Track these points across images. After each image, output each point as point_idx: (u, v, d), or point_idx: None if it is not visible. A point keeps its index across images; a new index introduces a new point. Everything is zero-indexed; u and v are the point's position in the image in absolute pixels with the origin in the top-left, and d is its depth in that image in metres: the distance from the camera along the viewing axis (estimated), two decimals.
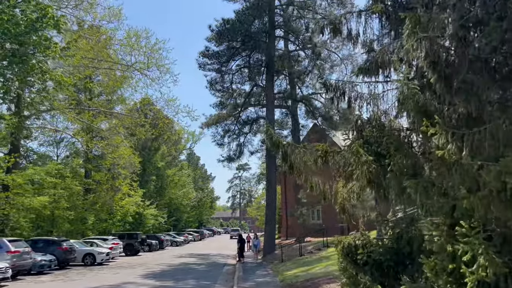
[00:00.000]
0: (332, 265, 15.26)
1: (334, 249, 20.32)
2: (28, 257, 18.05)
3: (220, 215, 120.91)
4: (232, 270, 20.38)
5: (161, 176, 56.08)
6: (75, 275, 18.95)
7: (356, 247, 6.49)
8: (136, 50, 27.73)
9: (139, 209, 44.20)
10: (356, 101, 8.91)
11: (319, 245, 24.64)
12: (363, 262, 6.23)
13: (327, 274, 13.48)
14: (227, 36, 29.03)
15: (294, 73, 29.35)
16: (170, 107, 30.37)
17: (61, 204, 30.11)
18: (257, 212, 67.18)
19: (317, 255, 20.64)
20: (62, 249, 21.85)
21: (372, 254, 6.22)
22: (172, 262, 25.56)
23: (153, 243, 37.17)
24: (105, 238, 29.24)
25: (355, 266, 6.35)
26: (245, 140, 32.42)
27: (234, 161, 32.28)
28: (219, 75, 30.88)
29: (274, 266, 20.77)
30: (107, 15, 27.07)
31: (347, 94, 8.87)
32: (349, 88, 8.91)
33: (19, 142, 25.21)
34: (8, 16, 16.59)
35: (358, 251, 6.32)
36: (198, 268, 21.93)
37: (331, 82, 8.95)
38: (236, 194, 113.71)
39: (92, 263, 23.71)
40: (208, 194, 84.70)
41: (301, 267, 16.83)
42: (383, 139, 7.73)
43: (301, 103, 32.16)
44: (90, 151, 37.42)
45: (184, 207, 64.47)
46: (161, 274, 19.06)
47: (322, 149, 8.39)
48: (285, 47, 32.08)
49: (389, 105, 9.21)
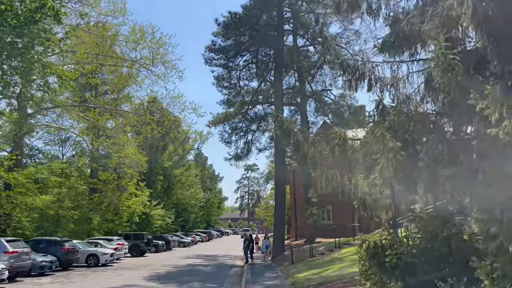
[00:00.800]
0: (346, 267, 14.27)
1: (348, 250, 19.29)
2: (27, 258, 17.32)
3: (228, 216, 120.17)
4: (240, 272, 19.48)
5: (169, 176, 55.38)
6: (76, 276, 18.19)
7: (383, 247, 5.53)
8: (141, 45, 27.06)
9: (146, 209, 43.55)
10: (377, 84, 7.95)
11: (331, 246, 23.61)
12: (392, 265, 5.27)
13: (341, 277, 12.49)
14: (234, 30, 28.20)
15: (303, 67, 28.30)
16: (176, 104, 29.65)
17: (65, 204, 29.49)
18: (265, 212, 66.16)
19: (329, 257, 19.63)
20: (64, 249, 21.12)
21: (403, 255, 5.26)
22: (178, 263, 24.73)
23: (160, 243, 36.41)
24: (110, 239, 28.50)
25: (382, 269, 5.39)
26: (253, 137, 31.54)
27: (242, 159, 31.40)
28: (226, 71, 30.04)
29: (284, 268, 19.81)
30: (112, 10, 26.48)
31: (366, 76, 7.91)
32: (369, 69, 7.95)
33: (20, 140, 24.56)
34: (6, 6, 15.89)
35: (386, 252, 5.36)
36: (205, 270, 21.06)
37: (349, 62, 8.00)
38: (244, 195, 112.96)
39: (95, 264, 22.96)
40: (216, 194, 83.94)
41: (313, 269, 15.84)
42: (410, 125, 6.76)
43: (311, 99, 31.15)
44: (96, 150, 36.91)
45: (192, 207, 63.71)
46: (165, 276, 18.21)
47: (340, 137, 7.45)
48: (293, 41, 31.11)
49: (413, 89, 8.24)
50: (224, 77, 30.39)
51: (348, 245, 22.51)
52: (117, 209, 37.96)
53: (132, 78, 30.14)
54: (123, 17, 27.12)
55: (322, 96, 30.71)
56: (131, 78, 30.20)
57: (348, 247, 21.55)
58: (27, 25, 16.53)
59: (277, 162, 28.52)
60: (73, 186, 30.74)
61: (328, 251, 21.98)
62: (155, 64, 27.93)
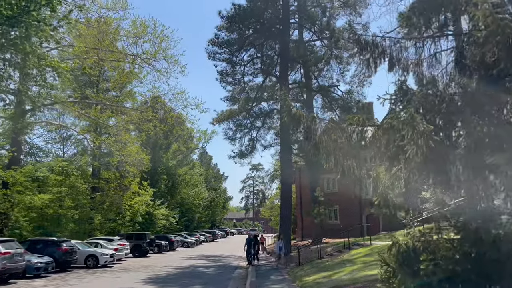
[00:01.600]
0: (358, 270, 13.27)
1: (359, 251, 18.25)
2: (20, 259, 16.46)
3: (233, 216, 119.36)
4: (244, 274, 18.52)
5: (172, 175, 54.56)
6: (73, 278, 17.33)
7: (415, 252, 4.55)
8: (142, 39, 26.18)
9: (149, 208, 42.76)
10: (399, 63, 6.95)
11: (339, 247, 22.59)
12: (428, 273, 4.29)
13: (354, 281, 11.49)
14: (238, 23, 27.23)
15: (310, 61, 27.22)
16: (179, 101, 28.77)
17: (65, 203, 28.71)
18: (270, 212, 65.13)
19: (338, 258, 18.60)
20: (62, 250, 20.27)
21: (442, 262, 4.27)
22: (180, 264, 23.84)
23: (163, 244, 35.57)
24: (110, 239, 27.65)
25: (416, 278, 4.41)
26: (257, 134, 30.57)
27: (246, 156, 30.42)
28: (230, 66, 29.09)
29: (290, 270, 18.82)
30: (113, 2, 25.62)
31: (387, 54, 6.91)
32: (390, 46, 6.95)
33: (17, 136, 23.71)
34: None
35: (421, 258, 4.38)
36: (207, 272, 20.13)
37: (367, 39, 7.01)
38: (250, 195, 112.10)
39: (95, 265, 22.11)
40: (221, 194, 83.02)
41: (322, 272, 14.82)
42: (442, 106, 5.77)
43: (318, 95, 30.11)
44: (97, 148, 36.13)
45: (196, 207, 62.83)
46: (165, 278, 17.30)
47: (357, 122, 6.46)
48: (299, 35, 30.09)
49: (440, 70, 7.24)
50: (228, 72, 29.46)
51: (358, 245, 21.49)
52: (119, 208, 37.14)
53: (134, 75, 29.30)
54: (124, 11, 26.38)
55: (329, 91, 29.66)
56: (133, 74, 29.35)
57: (358, 248, 20.53)
58: (21, 15, 15.73)
59: (283, 159, 27.53)
60: (73, 185, 29.91)
61: (337, 252, 20.97)
62: (157, 58, 27.12)
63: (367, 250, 18.45)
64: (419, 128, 5.03)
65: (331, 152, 6.56)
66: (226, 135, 30.96)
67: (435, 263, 4.32)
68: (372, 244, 20.52)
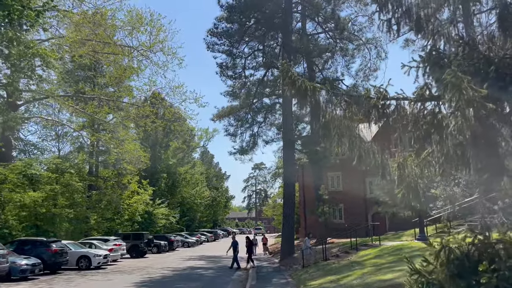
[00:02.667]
0: (369, 274, 11.99)
1: (367, 252, 16.93)
2: (3, 260, 15.32)
3: (235, 215, 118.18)
4: (244, 277, 17.28)
5: (173, 173, 53.41)
6: (60, 281, 16.14)
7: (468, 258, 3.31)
8: (137, 30, 25.00)
9: (148, 208, 41.60)
10: (428, 24, 5.69)
11: (345, 248, 21.29)
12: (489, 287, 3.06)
13: (366, 287, 10.23)
14: (239, 13, 25.96)
15: (313, 52, 25.86)
16: (177, 94, 27.63)
17: (59, 202, 27.57)
18: (273, 211, 63.81)
19: (345, 260, 17.32)
20: (51, 251, 19.09)
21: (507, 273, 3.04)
22: (178, 265, 22.64)
23: (162, 244, 34.36)
24: (106, 239, 26.48)
25: None
26: (259, 130, 29.29)
27: (247, 152, 29.11)
28: (230, 59, 27.82)
29: (294, 272, 17.56)
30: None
31: (413, 13, 5.66)
32: (417, 3, 5.70)
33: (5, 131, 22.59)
34: None
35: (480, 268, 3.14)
36: (206, 274, 18.91)
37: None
38: (252, 194, 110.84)
39: (87, 266, 20.93)
40: (223, 193, 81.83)
41: (329, 276, 13.53)
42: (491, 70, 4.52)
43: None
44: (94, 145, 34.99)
45: (198, 206, 61.62)
46: (159, 282, 16.08)
47: (377, 96, 5.20)
48: (302, 26, 28.79)
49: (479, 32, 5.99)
50: (228, 65, 28.18)
51: (366, 246, 20.21)
52: (117, 207, 35.95)
53: (131, 69, 28.14)
54: (120, 2, 25.25)
55: (333, 85, 28.32)
56: (130, 69, 28.19)
57: (366, 248, 19.25)
58: None
59: (286, 156, 26.24)
60: (68, 182, 28.75)
61: (344, 253, 19.68)
62: (153, 50, 25.97)
63: (377, 251, 17.16)
64: (467, 93, 3.77)
65: (344, 132, 5.31)
66: (226, 131, 29.75)
67: (497, 275, 3.09)
68: (381, 244, 19.24)
